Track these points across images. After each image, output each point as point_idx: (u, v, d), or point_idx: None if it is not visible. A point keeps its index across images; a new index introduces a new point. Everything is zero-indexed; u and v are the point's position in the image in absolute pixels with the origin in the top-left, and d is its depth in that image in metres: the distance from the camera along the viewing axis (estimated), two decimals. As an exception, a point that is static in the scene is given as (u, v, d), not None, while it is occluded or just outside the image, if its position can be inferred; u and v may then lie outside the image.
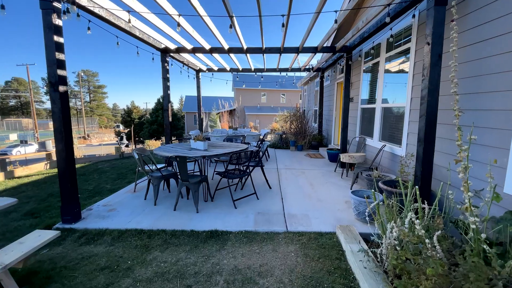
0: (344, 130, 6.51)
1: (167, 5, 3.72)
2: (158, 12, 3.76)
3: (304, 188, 4.87)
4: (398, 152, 4.42)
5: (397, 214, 2.58)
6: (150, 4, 3.60)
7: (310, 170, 6.35)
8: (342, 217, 3.61)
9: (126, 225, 3.43)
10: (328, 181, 5.36)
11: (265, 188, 4.84)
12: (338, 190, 4.80)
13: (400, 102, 4.54)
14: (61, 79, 3.34)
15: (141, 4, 3.86)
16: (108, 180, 6.19)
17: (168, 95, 6.90)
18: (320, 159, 7.74)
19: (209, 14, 3.88)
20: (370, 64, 5.82)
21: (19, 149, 24.13)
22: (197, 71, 9.44)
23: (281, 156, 8.23)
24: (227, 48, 6.28)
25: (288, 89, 32.67)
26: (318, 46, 6.10)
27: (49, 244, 3.06)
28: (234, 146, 4.78)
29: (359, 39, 5.33)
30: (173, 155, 3.87)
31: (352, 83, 6.78)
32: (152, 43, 5.85)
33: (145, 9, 3.94)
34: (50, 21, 3.18)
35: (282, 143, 10.21)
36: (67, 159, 3.44)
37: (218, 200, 4.30)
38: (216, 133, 7.53)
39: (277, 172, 6.12)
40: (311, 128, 10.38)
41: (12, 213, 4.08)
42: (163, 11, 3.59)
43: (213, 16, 3.87)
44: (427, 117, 2.99)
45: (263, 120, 29.54)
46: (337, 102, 8.57)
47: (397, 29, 4.46)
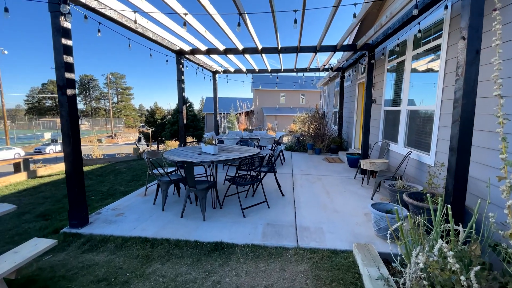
0: (366, 133, 6.08)
1: (175, 4, 3.59)
2: (166, 11, 3.63)
3: (320, 197, 4.55)
4: (426, 160, 3.98)
5: (424, 235, 2.22)
6: (159, 4, 3.48)
7: (327, 176, 5.99)
8: (360, 232, 3.26)
9: (130, 232, 3.33)
10: (347, 189, 4.98)
11: (277, 196, 4.58)
12: (357, 200, 4.43)
13: (428, 104, 4.09)
14: (69, 82, 3.31)
15: (150, 4, 3.76)
16: (122, 181, 6.23)
17: (183, 97, 6.84)
18: (339, 164, 7.33)
19: (220, 12, 3.69)
20: (394, 63, 5.37)
21: (52, 147, 25.67)
22: (213, 72, 9.37)
23: (297, 160, 7.90)
24: (242, 49, 6.09)
25: (308, 90, 32.02)
26: (337, 45, 5.74)
27: (53, 249, 3.03)
28: (245, 150, 4.56)
29: (383, 36, 4.91)
30: (182, 159, 3.73)
31: (374, 83, 6.33)
32: (167, 45, 5.81)
33: (155, 9, 3.84)
34: (58, 23, 3.15)
35: (299, 146, 9.86)
36: (75, 163, 3.41)
37: (227, 207, 4.11)
38: (230, 135, 7.38)
39: (291, 177, 5.83)
40: (330, 131, 9.94)
41: (26, 214, 4.15)
42: (171, 11, 3.45)
43: (223, 14, 3.68)
44: (461, 123, 2.58)
45: (282, 121, 29.14)
46: (359, 104, 8.10)
47: (426, 23, 4.02)
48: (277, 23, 4.39)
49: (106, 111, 64.11)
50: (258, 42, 5.56)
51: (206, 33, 5.10)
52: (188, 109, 30.04)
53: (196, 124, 29.06)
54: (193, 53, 6.53)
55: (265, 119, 29.55)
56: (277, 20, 4.36)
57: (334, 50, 6.03)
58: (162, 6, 3.43)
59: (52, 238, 3.29)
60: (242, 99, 21.17)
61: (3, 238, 3.32)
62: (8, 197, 5.20)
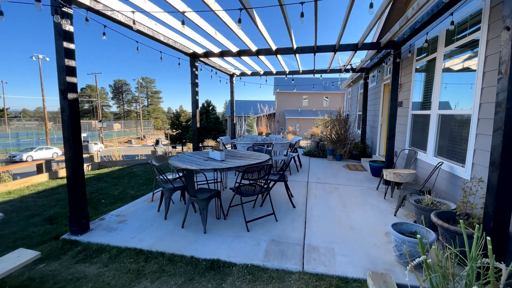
0: (391, 139, 5.53)
1: (177, 2, 3.41)
2: (169, 10, 3.48)
3: (335, 210, 4.12)
4: (460, 173, 3.42)
5: (456, 270, 1.79)
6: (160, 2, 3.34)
7: (346, 186, 5.50)
8: (378, 256, 2.82)
9: (127, 242, 3.17)
10: (367, 202, 4.50)
11: (288, 207, 4.23)
12: (378, 215, 3.95)
13: (463, 108, 3.53)
14: (71, 86, 3.25)
15: (153, 4, 3.63)
16: (135, 185, 6.22)
17: (196, 100, 6.73)
18: (361, 172, 6.77)
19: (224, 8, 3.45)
20: (423, 61, 4.80)
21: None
22: (230, 76, 9.22)
23: (315, 167, 7.45)
24: (255, 50, 5.83)
25: (332, 92, 31.01)
26: (358, 43, 5.28)
27: (49, 257, 2.95)
28: (254, 157, 4.28)
29: (409, 31, 4.39)
30: (185, 166, 3.54)
31: (401, 84, 5.75)
32: (179, 48, 5.72)
33: (158, 9, 3.70)
34: (60, 27, 3.10)
35: (319, 151, 9.36)
36: (75, 169, 3.33)
37: (232, 217, 3.84)
38: (245, 139, 7.13)
39: (306, 186, 5.43)
40: (352, 135, 9.33)
41: (35, 217, 4.20)
42: (172, 9, 3.28)
43: (228, 10, 3.43)
44: (505, 132, 2.09)
45: (304, 124, 28.45)
46: (384, 107, 7.48)
47: (460, 15, 3.48)
48: (288, 20, 4.07)
49: (137, 113, 67.49)
50: (271, 41, 5.27)
51: (217, 35, 4.92)
52: (211, 112, 30.39)
53: (218, 126, 29.30)
54: (207, 55, 6.40)
55: (287, 122, 29.04)
56: (289, 18, 4.04)
57: (355, 49, 5.56)
58: (164, 4, 3.26)
59: (52, 244, 3.25)
60: (263, 102, 20.96)
61: (6, 242, 3.33)
62: (26, 198, 5.37)
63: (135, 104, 74.68)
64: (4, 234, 3.58)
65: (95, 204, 4.93)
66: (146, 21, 4.35)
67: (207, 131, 29.05)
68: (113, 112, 75.57)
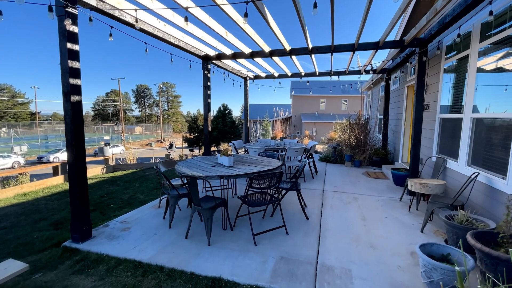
0: (416, 146, 5.04)
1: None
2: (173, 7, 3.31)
3: (353, 224, 3.74)
4: (500, 186, 2.95)
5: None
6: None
7: (366, 196, 5.08)
8: (404, 281, 2.44)
9: (127, 253, 3.00)
10: (389, 215, 4.07)
11: (300, 218, 3.90)
12: (402, 231, 3.53)
13: (503, 111, 3.07)
14: (74, 88, 3.15)
15: (158, 2, 3.48)
16: (145, 190, 6.13)
17: (208, 103, 6.58)
18: (382, 181, 6.29)
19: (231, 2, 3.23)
20: (453, 60, 4.33)
21: (110, 149, 28.14)
22: (244, 78, 9.04)
23: (332, 174, 7.04)
24: (268, 51, 5.59)
25: (351, 95, 30.13)
26: (379, 41, 4.88)
27: (46, 266, 2.84)
28: (264, 164, 4.00)
29: (438, 26, 3.97)
30: (191, 173, 3.34)
31: (427, 86, 5.27)
32: (191, 50, 5.60)
33: (161, 5, 3.55)
34: (64, 27, 3.01)
35: (336, 156, 8.90)
36: (78, 174, 3.22)
37: (239, 228, 3.58)
38: (257, 144, 6.87)
39: (321, 195, 5.06)
40: (373, 140, 8.80)
41: (42, 221, 4.16)
42: (176, 5, 3.10)
43: (233, 3, 3.21)
44: None
45: (321, 128, 27.77)
46: (407, 110, 6.96)
47: (500, 4, 3.04)
48: (302, 17, 3.79)
49: (157, 117, 69.63)
50: (284, 41, 5.00)
51: (228, 35, 4.73)
52: (227, 115, 30.51)
53: (234, 130, 29.31)
54: (219, 58, 6.24)
55: (303, 126, 28.49)
56: (303, 14, 3.76)
57: (376, 48, 5.15)
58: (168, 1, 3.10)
59: (52, 252, 3.14)
60: (279, 106, 20.63)
61: (8, 248, 3.27)
62: (39, 200, 5.41)
63: (156, 108, 77.19)
64: (8, 239, 3.53)
65: (103, 209, 4.85)
66: (155, 22, 4.24)
67: (223, 134, 29.14)
68: (136, 116, 78.59)
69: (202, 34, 4.77)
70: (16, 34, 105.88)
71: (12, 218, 4.35)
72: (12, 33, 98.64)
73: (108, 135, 51.53)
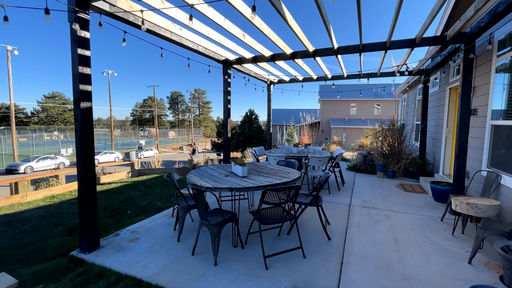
0: (461, 157, 4.35)
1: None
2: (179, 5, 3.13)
3: (384, 248, 3.22)
4: None
5: None
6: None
7: (400, 213, 4.46)
8: (448, 333, 1.93)
9: (130, 268, 2.82)
10: (428, 239, 3.47)
11: (321, 238, 3.46)
12: (445, 260, 2.94)
13: None
14: (84, 94, 3.09)
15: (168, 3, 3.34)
16: (163, 196, 6.07)
17: (228, 109, 6.39)
18: (420, 195, 5.56)
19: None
20: (508, 57, 3.64)
21: (143, 152, 29.54)
22: (267, 83, 8.76)
23: (361, 185, 6.42)
24: (290, 53, 5.25)
25: (384, 99, 28.42)
26: (416, 38, 4.31)
27: (51, 277, 2.76)
28: (280, 174, 3.65)
29: (488, 17, 3.35)
30: (201, 183, 3.12)
31: (474, 87, 4.55)
32: (210, 55, 5.46)
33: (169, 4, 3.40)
34: (75, 33, 2.97)
35: (366, 165, 8.19)
36: (86, 183, 3.15)
37: (251, 246, 3.25)
38: (279, 151, 6.50)
39: (347, 211, 4.54)
40: (409, 148, 7.96)
41: (59, 227, 4.20)
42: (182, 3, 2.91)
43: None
44: None
45: (351, 134, 26.46)
46: (450, 115, 6.15)
47: None
48: (325, 13, 3.41)
49: (189, 122, 72.45)
50: (306, 42, 4.63)
51: (245, 37, 4.49)
52: (254, 121, 30.51)
53: (260, 135, 29.18)
54: (240, 62, 6.04)
55: (332, 132, 27.40)
56: (326, 10, 3.39)
57: (412, 46, 4.57)
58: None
59: (59, 261, 3.07)
60: (306, 110, 20.01)
61: (20, 254, 3.28)
62: (64, 203, 5.57)
63: (188, 114, 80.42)
64: (24, 244, 3.57)
65: (119, 215, 4.81)
66: (171, 27, 4.14)
67: (249, 139, 29.13)
68: (169, 121, 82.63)
69: (219, 37, 4.59)
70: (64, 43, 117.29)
71: (34, 221, 4.49)
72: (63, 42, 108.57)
73: (143, 139, 54.54)
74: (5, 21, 2.45)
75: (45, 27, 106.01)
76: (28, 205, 5.48)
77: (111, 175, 8.07)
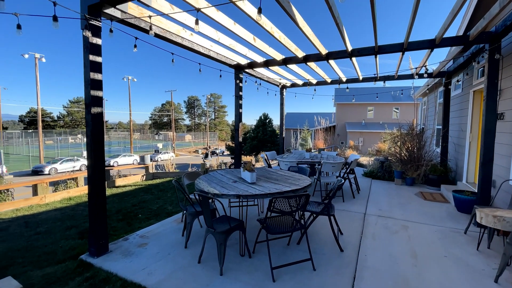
0: (486, 165, 4.05)
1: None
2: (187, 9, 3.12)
3: (401, 262, 3.01)
4: None
5: None
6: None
7: (419, 224, 4.20)
8: None
9: (135, 274, 2.80)
10: (450, 254, 3.22)
11: (332, 249, 3.29)
12: (468, 278, 2.70)
13: None
14: (95, 100, 3.14)
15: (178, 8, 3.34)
16: (174, 200, 6.10)
17: (240, 113, 6.36)
18: (441, 205, 5.24)
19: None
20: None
21: (161, 155, 30.25)
22: (280, 87, 8.67)
23: (377, 192, 6.15)
24: (302, 57, 5.15)
25: (403, 102, 27.49)
26: (436, 38, 4.09)
27: (59, 281, 2.77)
28: (291, 181, 3.53)
29: (519, 13, 3.09)
30: (208, 189, 3.07)
31: (501, 90, 4.25)
32: (221, 59, 5.46)
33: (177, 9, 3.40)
34: (87, 40, 3.03)
35: (383, 172, 7.86)
36: (96, 188, 3.17)
37: (259, 255, 3.14)
38: (291, 156, 6.36)
39: (362, 220, 4.33)
40: (429, 154, 7.57)
41: (72, 229, 4.29)
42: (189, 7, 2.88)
43: None
44: None
45: (368, 138, 25.74)
46: (474, 120, 5.79)
47: None
48: (337, 15, 3.29)
49: (205, 126, 73.75)
50: (319, 44, 4.51)
51: (256, 41, 4.44)
52: (268, 124, 30.46)
53: (274, 139, 29.04)
54: (251, 66, 6.00)
55: (348, 136, 26.78)
56: (338, 11, 3.27)
57: (432, 47, 4.34)
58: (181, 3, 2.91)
59: (68, 265, 3.10)
60: (321, 114, 19.70)
61: (33, 255, 3.35)
62: (79, 205, 5.71)
63: (204, 118, 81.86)
64: (37, 246, 3.65)
65: (131, 219, 4.86)
66: (182, 32, 4.16)
67: (263, 143, 29.06)
68: (186, 125, 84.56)
69: (230, 41, 4.57)
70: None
71: (50, 223, 4.63)
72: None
73: (160, 142, 56.01)
74: (18, 29, 2.52)
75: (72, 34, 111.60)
76: (46, 206, 5.68)
77: (126, 178, 8.25)
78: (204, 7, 2.95)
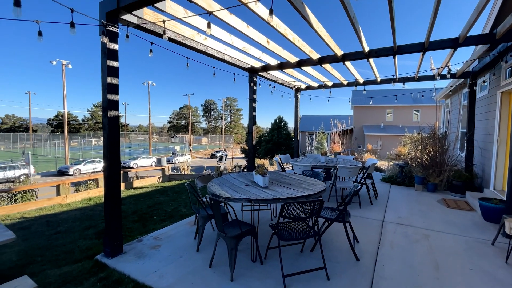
0: (516, 171, 3.76)
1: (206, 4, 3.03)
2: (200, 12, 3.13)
3: (421, 274, 2.84)
4: None
5: None
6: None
7: (442, 233, 3.96)
8: None
9: (147, 277, 2.82)
10: (476, 266, 3.00)
11: (348, 258, 3.16)
12: (497, 294, 2.49)
13: None
14: (111, 103, 3.22)
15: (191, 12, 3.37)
16: (189, 202, 6.15)
17: (253, 116, 6.34)
18: (466, 213, 4.93)
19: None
20: None
21: (178, 158, 30.88)
22: (294, 90, 8.58)
23: (396, 199, 5.90)
24: (317, 58, 5.06)
25: (424, 104, 26.42)
26: (459, 37, 3.88)
27: (74, 280, 2.85)
28: (304, 186, 3.44)
29: (554, 8, 2.86)
30: (219, 193, 3.06)
31: (535, 90, 3.94)
32: (235, 63, 5.48)
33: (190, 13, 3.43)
34: (105, 45, 3.13)
35: (403, 177, 7.54)
36: (112, 190, 3.25)
37: (271, 261, 3.07)
38: (305, 160, 6.24)
39: (380, 228, 4.15)
40: (452, 159, 7.18)
41: (90, 229, 4.41)
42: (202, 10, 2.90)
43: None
44: None
45: (387, 142, 24.91)
46: (502, 123, 5.43)
47: None
48: (353, 14, 3.20)
49: (221, 129, 74.87)
50: (334, 45, 4.41)
51: (269, 44, 4.41)
52: (283, 128, 30.34)
53: (288, 142, 28.87)
54: (266, 69, 5.97)
55: (366, 139, 26.06)
56: (354, 10, 3.17)
57: (455, 46, 4.12)
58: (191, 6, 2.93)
59: (84, 265, 3.19)
60: (338, 117, 19.31)
61: (52, 254, 3.46)
62: (98, 206, 5.90)
63: (220, 121, 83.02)
64: (56, 245, 3.78)
65: (146, 221, 4.94)
66: (196, 36, 4.21)
67: (278, 146, 28.92)
68: (203, 128, 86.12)
69: (243, 44, 4.58)
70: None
71: (70, 222, 4.80)
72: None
73: (178, 144, 57.31)
74: (39, 36, 2.63)
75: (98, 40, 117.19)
76: (67, 206, 5.92)
77: (143, 180, 8.45)
78: (216, 10, 2.95)
